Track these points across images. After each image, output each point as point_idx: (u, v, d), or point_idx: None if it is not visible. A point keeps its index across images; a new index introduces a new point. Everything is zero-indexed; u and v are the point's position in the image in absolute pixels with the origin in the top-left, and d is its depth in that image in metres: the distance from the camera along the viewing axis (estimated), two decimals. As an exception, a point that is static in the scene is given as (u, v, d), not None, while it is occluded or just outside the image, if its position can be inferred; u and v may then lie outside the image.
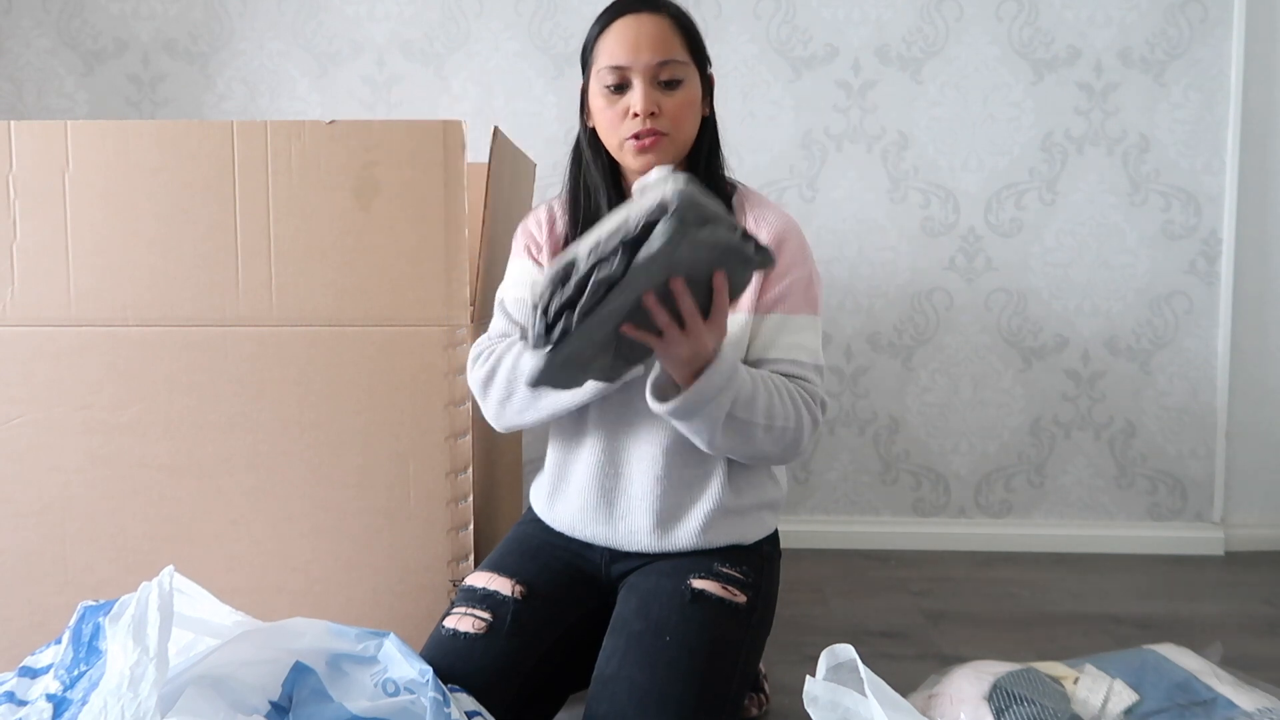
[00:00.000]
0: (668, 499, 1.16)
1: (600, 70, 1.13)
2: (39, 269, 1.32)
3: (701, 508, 1.16)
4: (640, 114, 1.10)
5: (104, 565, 1.35)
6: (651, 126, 1.11)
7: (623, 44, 1.11)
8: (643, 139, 1.11)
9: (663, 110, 1.11)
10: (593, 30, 1.16)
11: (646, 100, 1.10)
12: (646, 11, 1.12)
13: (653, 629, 1.05)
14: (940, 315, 2.22)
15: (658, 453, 1.15)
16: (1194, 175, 2.17)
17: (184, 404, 1.33)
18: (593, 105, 1.16)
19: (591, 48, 1.16)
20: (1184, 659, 1.01)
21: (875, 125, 2.19)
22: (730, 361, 1.00)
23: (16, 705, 0.93)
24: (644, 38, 1.10)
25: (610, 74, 1.12)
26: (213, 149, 1.30)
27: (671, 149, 1.14)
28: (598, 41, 1.14)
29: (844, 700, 0.89)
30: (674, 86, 1.12)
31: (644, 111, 1.10)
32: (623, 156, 1.15)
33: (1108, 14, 2.14)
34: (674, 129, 1.13)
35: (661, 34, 1.11)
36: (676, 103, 1.12)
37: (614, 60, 1.11)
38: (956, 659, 1.15)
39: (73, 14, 2.22)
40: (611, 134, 1.14)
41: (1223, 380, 2.20)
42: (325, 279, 1.31)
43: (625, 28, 1.11)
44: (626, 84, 1.12)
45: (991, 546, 2.22)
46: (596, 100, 1.15)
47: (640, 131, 1.11)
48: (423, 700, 0.91)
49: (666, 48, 1.11)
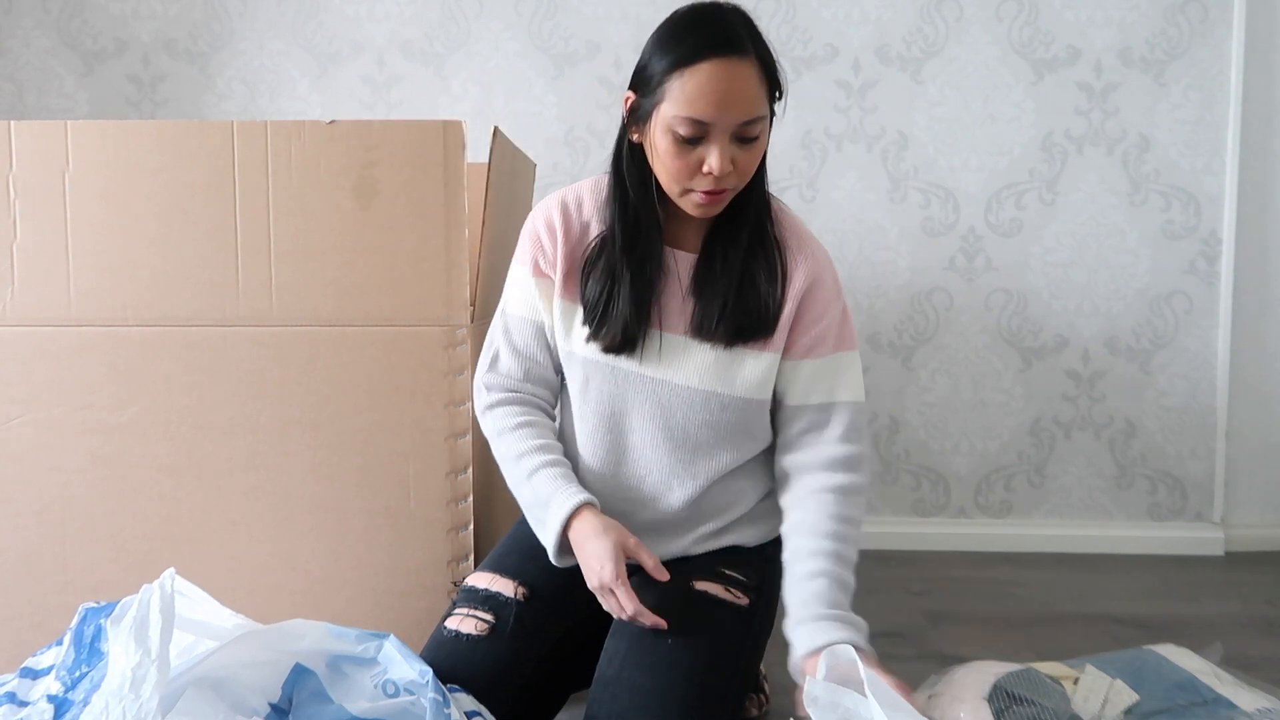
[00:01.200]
0: (674, 503, 1.15)
1: (675, 116, 1.00)
2: (39, 269, 1.32)
3: (710, 513, 1.16)
4: (716, 174, 1.01)
5: (104, 565, 1.35)
6: (722, 186, 1.03)
7: (708, 98, 0.98)
8: (711, 195, 1.04)
9: (737, 165, 1.02)
10: (666, 59, 1.01)
11: (724, 161, 1.00)
12: (736, 56, 0.99)
13: (654, 630, 1.05)
14: (940, 315, 2.22)
15: (663, 455, 1.14)
16: (1194, 175, 2.17)
17: (184, 404, 1.33)
18: (657, 144, 1.04)
19: (661, 81, 1.01)
20: (1184, 659, 1.01)
21: (875, 125, 2.19)
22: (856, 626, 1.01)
23: (18, 706, 0.93)
24: (734, 95, 0.99)
25: (687, 125, 1.00)
26: (213, 149, 1.30)
27: (731, 197, 1.08)
28: (673, 77, 1.00)
29: (844, 700, 0.89)
30: (751, 141, 1.03)
31: (721, 173, 1.01)
32: (680, 200, 1.07)
33: (1108, 14, 2.14)
34: (740, 182, 1.06)
35: (751, 88, 1.00)
36: (751, 157, 1.04)
37: (695, 113, 0.99)
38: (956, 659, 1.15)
39: (73, 14, 2.22)
40: (674, 181, 1.05)
41: (1223, 380, 2.20)
42: (325, 279, 1.31)
43: (714, 78, 0.98)
44: (703, 137, 1.01)
45: (991, 546, 2.22)
46: (662, 141, 1.03)
47: (712, 190, 1.03)
48: (422, 701, 0.91)
49: (755, 104, 1.00)
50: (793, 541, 1.09)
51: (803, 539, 1.07)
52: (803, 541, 1.07)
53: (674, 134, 1.01)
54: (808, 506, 1.09)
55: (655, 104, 1.02)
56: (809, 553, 1.05)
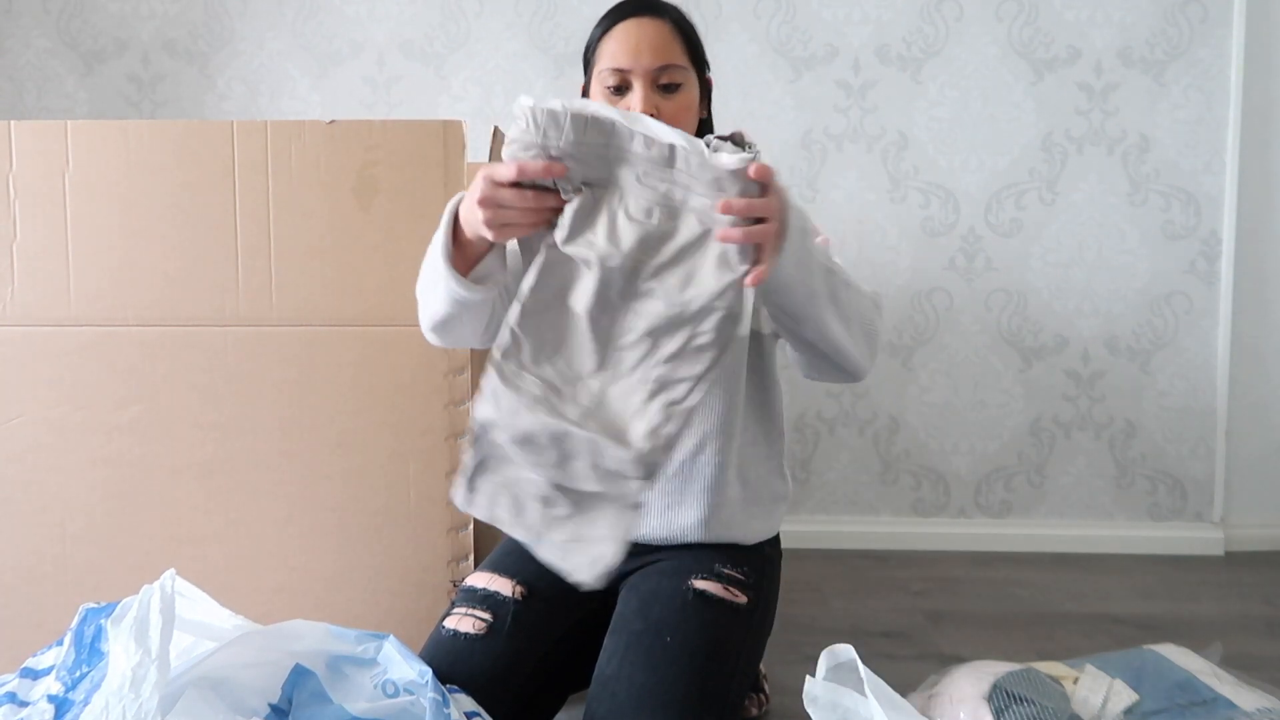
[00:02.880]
0: (673, 483, 1.16)
1: (601, 72, 1.14)
2: (39, 269, 1.32)
3: (708, 496, 1.16)
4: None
5: (104, 565, 1.35)
6: None
7: (624, 47, 1.12)
8: None
9: (661, 113, 1.11)
10: (595, 32, 1.17)
11: (646, 103, 1.11)
12: (648, 16, 1.14)
13: (653, 629, 1.05)
14: (940, 315, 2.22)
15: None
16: (1194, 175, 2.17)
17: (184, 404, 1.33)
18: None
19: (593, 49, 1.17)
20: (1184, 659, 1.01)
21: (875, 125, 2.19)
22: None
23: (18, 706, 0.93)
24: (644, 41, 1.12)
25: (611, 75, 1.13)
26: (213, 149, 1.30)
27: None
28: (599, 44, 1.15)
29: (844, 700, 0.89)
30: (673, 90, 1.13)
31: (644, 113, 1.10)
32: None
33: (1107, 14, 2.14)
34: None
35: (662, 38, 1.13)
36: (675, 106, 1.13)
37: (615, 62, 1.12)
38: (956, 659, 1.15)
39: (73, 14, 2.22)
40: None
41: (1223, 380, 2.20)
42: (325, 279, 1.31)
43: (626, 31, 1.13)
44: (627, 86, 1.13)
45: (991, 546, 2.22)
46: (598, 100, 1.15)
47: None
48: (422, 701, 0.91)
49: (666, 52, 1.12)
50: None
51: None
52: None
53: (604, 89, 1.14)
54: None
55: (592, 75, 1.17)
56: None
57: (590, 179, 0.90)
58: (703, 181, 0.88)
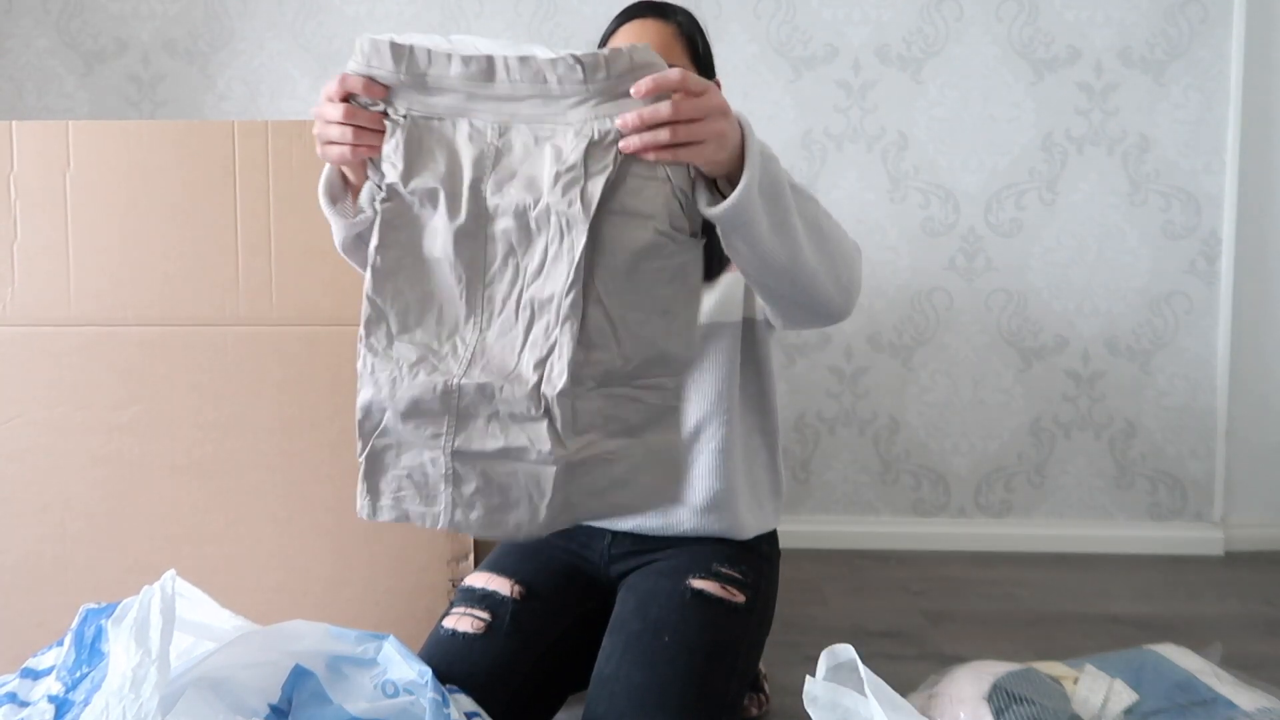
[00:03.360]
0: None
1: None
2: (39, 269, 1.32)
3: (703, 485, 1.16)
4: None
5: (104, 565, 1.35)
6: None
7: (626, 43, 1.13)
8: None
9: None
10: (604, 33, 1.19)
11: None
12: (653, 18, 1.16)
13: (652, 629, 1.05)
14: (940, 315, 2.22)
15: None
16: (1194, 175, 2.17)
17: (184, 404, 1.33)
18: None
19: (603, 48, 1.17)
20: (1184, 659, 1.01)
21: (875, 125, 2.19)
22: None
23: (19, 706, 0.93)
24: (648, 41, 1.12)
25: None
26: (213, 149, 1.30)
27: None
28: (605, 45, 1.16)
29: (844, 700, 0.89)
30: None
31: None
32: None
33: (1107, 14, 2.14)
34: None
35: (665, 42, 1.14)
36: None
37: None
38: (956, 659, 1.15)
39: (73, 14, 2.22)
40: None
41: (1222, 380, 2.20)
42: (326, 278, 1.31)
43: (630, 33, 1.15)
44: None
45: (991, 546, 2.22)
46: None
47: None
48: (422, 701, 0.91)
49: (667, 56, 1.12)
50: None
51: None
52: None
53: None
54: None
55: None
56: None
57: (428, 111, 0.87)
58: (570, 92, 0.83)
